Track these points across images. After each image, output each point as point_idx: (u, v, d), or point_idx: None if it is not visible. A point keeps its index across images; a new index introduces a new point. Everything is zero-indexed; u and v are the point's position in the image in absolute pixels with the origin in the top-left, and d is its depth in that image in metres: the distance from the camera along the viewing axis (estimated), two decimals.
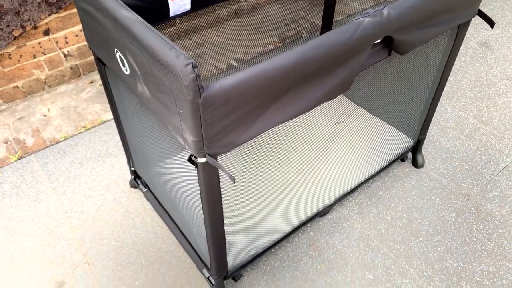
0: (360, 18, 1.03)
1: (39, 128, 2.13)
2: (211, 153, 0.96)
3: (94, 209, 1.77)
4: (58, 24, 2.20)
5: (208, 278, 1.44)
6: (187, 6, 1.38)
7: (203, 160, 0.98)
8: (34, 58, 2.22)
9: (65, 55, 2.31)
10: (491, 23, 1.40)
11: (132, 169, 1.74)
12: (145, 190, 1.73)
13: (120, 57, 1.07)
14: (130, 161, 1.71)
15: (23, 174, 1.91)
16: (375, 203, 1.79)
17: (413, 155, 1.93)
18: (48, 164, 1.95)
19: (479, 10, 1.41)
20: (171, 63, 0.83)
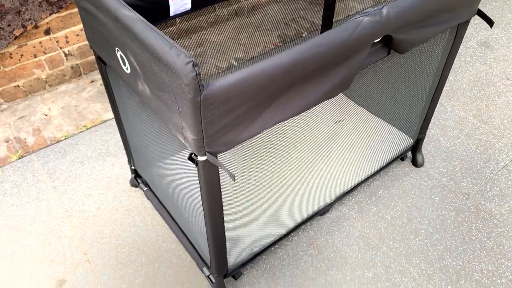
0: (360, 17, 1.04)
1: (40, 127, 2.14)
2: (212, 151, 0.97)
3: (95, 208, 1.77)
4: (59, 24, 2.20)
5: (208, 276, 1.44)
6: (188, 6, 1.39)
7: (204, 158, 0.98)
8: (35, 58, 2.23)
9: (66, 55, 2.32)
10: (490, 23, 1.40)
11: (133, 168, 1.75)
12: (146, 189, 1.74)
13: (121, 56, 1.07)
14: (131, 160, 1.72)
15: (24, 173, 1.91)
16: (375, 202, 1.80)
17: (413, 154, 1.94)
18: (49, 163, 1.96)
19: (478, 10, 1.41)
20: (172, 62, 0.83)
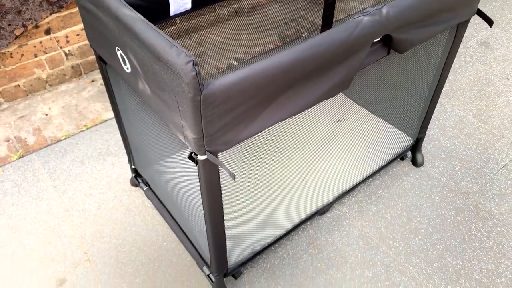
0: (359, 17, 1.04)
1: (40, 127, 2.14)
2: (212, 150, 0.97)
3: (95, 207, 1.78)
4: (59, 23, 2.20)
5: (209, 276, 1.44)
6: (188, 5, 1.39)
7: (204, 157, 0.98)
8: (36, 57, 2.23)
9: (66, 54, 2.32)
10: (490, 22, 1.40)
11: (133, 168, 1.75)
12: (146, 188, 1.74)
13: (121, 55, 1.07)
14: (131, 160, 1.72)
15: (24, 173, 1.92)
16: (375, 202, 1.80)
17: (413, 154, 1.94)
18: (49, 163, 1.96)
19: (478, 9, 1.41)
20: (172, 61, 0.84)
